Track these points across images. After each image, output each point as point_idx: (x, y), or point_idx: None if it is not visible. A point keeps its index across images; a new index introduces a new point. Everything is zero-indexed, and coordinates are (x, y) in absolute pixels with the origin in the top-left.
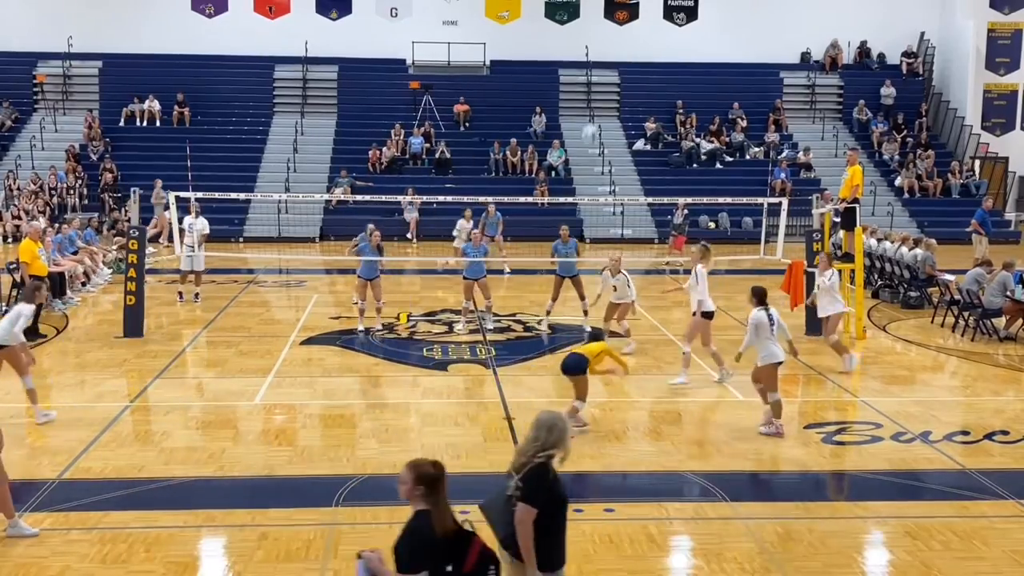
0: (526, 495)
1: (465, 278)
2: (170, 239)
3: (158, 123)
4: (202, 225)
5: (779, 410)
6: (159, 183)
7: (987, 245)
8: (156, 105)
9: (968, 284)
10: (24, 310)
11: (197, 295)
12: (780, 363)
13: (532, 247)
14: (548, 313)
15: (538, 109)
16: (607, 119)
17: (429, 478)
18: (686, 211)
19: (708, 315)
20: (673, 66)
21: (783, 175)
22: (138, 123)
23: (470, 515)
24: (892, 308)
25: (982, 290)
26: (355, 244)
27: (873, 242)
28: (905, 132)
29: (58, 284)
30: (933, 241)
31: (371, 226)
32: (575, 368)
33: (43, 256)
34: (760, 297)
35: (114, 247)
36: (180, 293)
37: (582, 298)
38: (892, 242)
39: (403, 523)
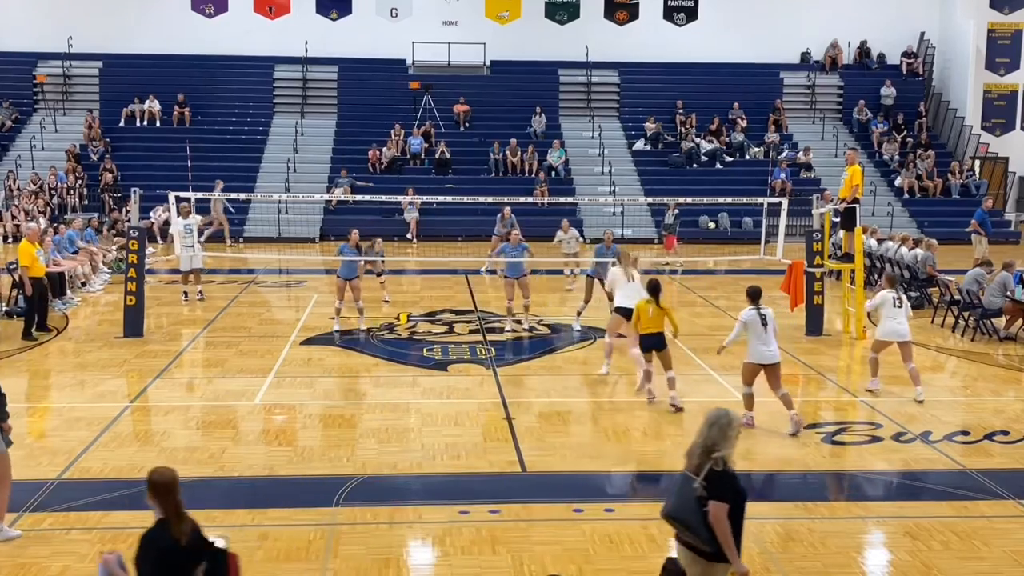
0: (715, 493)
1: (506, 277)
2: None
3: (158, 123)
4: (196, 221)
5: (749, 402)
6: (220, 184)
7: (987, 245)
8: (156, 105)
9: (968, 284)
10: None
11: (201, 292)
12: (764, 365)
13: (532, 247)
14: (579, 314)
15: (538, 109)
16: (607, 119)
17: (159, 486)
18: (677, 211)
19: (621, 311)
20: (673, 66)
21: (783, 175)
22: (138, 123)
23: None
24: None
25: (982, 290)
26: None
27: (873, 242)
28: (905, 132)
29: (58, 284)
30: (934, 241)
31: (355, 230)
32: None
33: (41, 257)
34: (754, 297)
35: (114, 247)
36: (185, 293)
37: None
38: (893, 242)
39: (403, 523)
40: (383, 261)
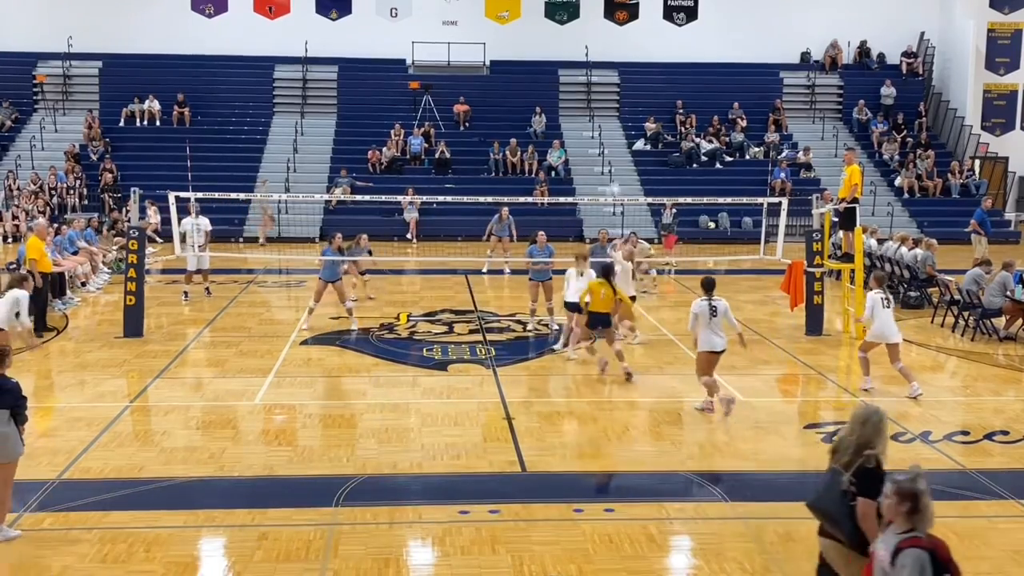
0: (864, 490)
1: (531, 280)
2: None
3: (158, 123)
4: (205, 223)
5: (711, 389)
6: (265, 182)
7: (987, 245)
8: (156, 105)
9: (968, 284)
10: (21, 296)
11: (208, 290)
12: (718, 352)
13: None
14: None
15: (538, 109)
16: (607, 119)
17: None
18: (675, 210)
19: (570, 305)
20: (673, 66)
21: (782, 175)
22: (138, 123)
23: None
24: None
25: (981, 290)
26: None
27: (873, 242)
28: (905, 132)
29: (58, 284)
30: (933, 241)
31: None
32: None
33: (51, 253)
34: (707, 287)
35: (114, 247)
36: (186, 292)
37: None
38: (893, 242)
39: (403, 523)
40: (371, 258)
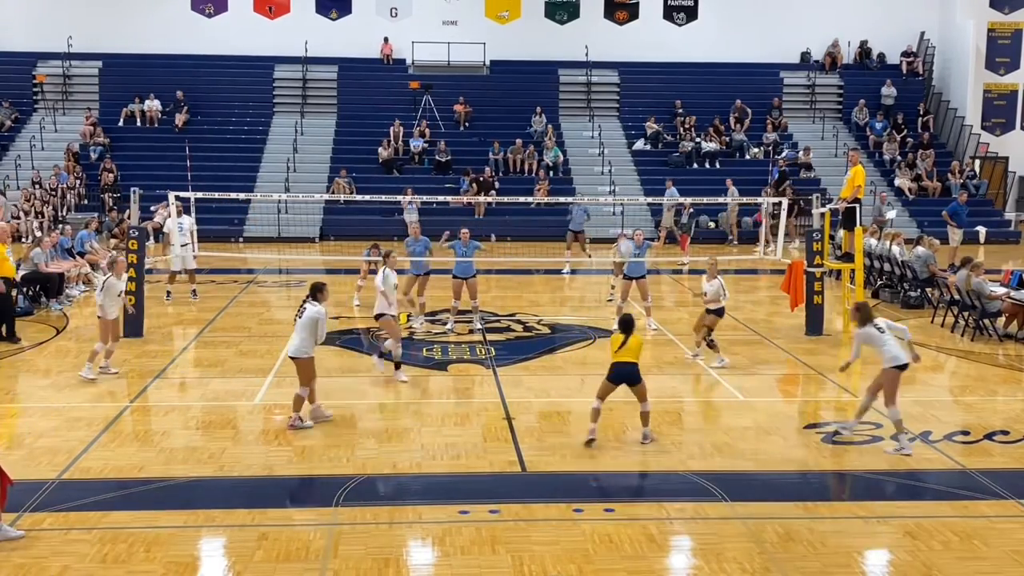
0: None
1: (455, 277)
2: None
3: (157, 124)
4: (188, 223)
5: (298, 404)
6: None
7: (960, 237)
8: (156, 104)
9: (960, 284)
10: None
11: (195, 292)
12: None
13: (532, 247)
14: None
15: (538, 109)
16: (607, 119)
17: None
18: (692, 210)
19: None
20: (673, 66)
21: (778, 174)
22: (138, 123)
23: None
24: (892, 308)
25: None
26: None
27: (872, 241)
28: (905, 132)
29: (57, 285)
30: (936, 241)
31: None
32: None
33: (11, 258)
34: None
35: (112, 248)
36: (168, 292)
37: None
38: (886, 241)
39: (403, 523)
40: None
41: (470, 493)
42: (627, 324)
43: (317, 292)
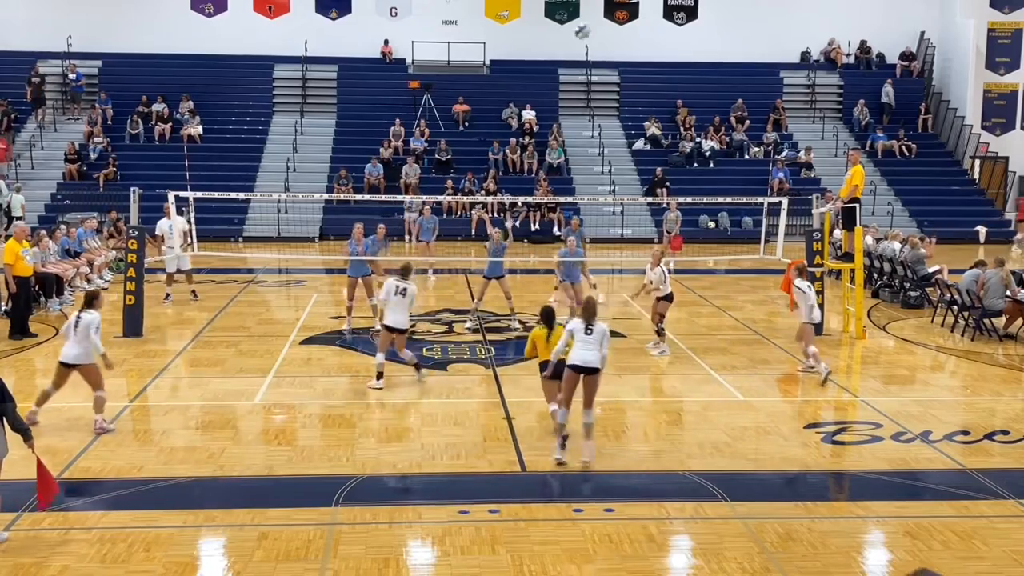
0: None
1: (561, 281)
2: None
3: (168, 139)
4: (181, 223)
5: (100, 406)
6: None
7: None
8: (163, 107)
9: (966, 284)
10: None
11: (194, 293)
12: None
13: (533, 247)
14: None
15: (527, 106)
16: (607, 119)
17: None
18: (678, 211)
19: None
20: (673, 66)
21: (780, 175)
22: (142, 126)
23: None
24: (892, 308)
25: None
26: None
27: (869, 239)
28: (905, 132)
29: (56, 285)
30: (933, 240)
31: None
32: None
33: (27, 257)
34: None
35: (111, 248)
36: (168, 294)
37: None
38: (888, 240)
39: (403, 523)
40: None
41: (470, 493)
42: (548, 316)
43: (92, 300)
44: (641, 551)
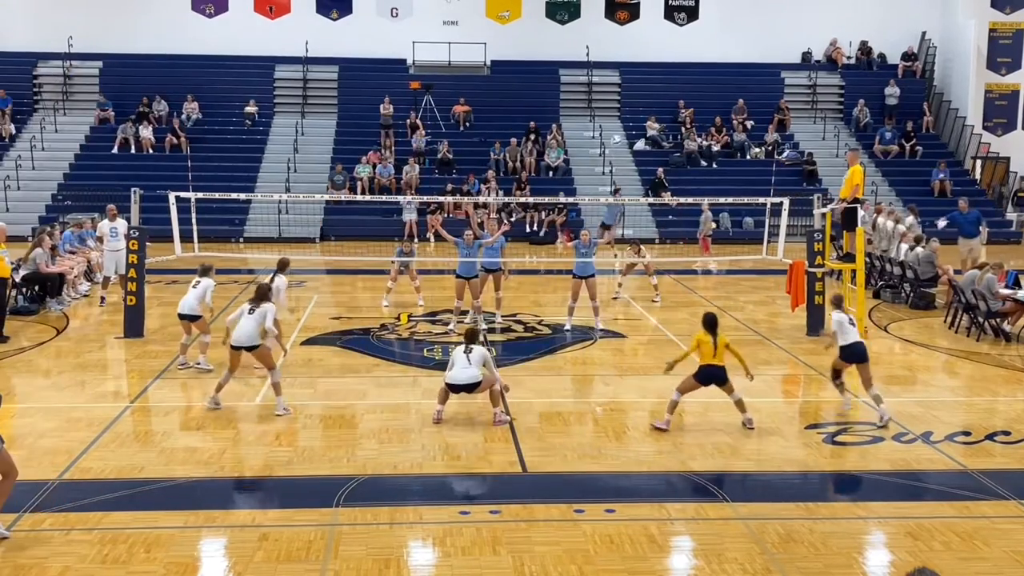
0: None
1: (575, 276)
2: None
3: (169, 150)
4: (123, 227)
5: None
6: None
7: (973, 245)
8: (164, 107)
9: (965, 286)
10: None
11: (103, 299)
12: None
13: (532, 247)
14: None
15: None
16: (608, 119)
17: None
18: (709, 212)
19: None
20: (674, 66)
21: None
22: (141, 128)
23: None
24: (893, 308)
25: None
26: None
27: (890, 223)
28: (914, 140)
29: (57, 284)
30: (935, 241)
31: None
32: None
33: (6, 257)
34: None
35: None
36: (102, 298)
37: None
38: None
39: (404, 524)
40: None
41: (471, 494)
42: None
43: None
44: (642, 552)
